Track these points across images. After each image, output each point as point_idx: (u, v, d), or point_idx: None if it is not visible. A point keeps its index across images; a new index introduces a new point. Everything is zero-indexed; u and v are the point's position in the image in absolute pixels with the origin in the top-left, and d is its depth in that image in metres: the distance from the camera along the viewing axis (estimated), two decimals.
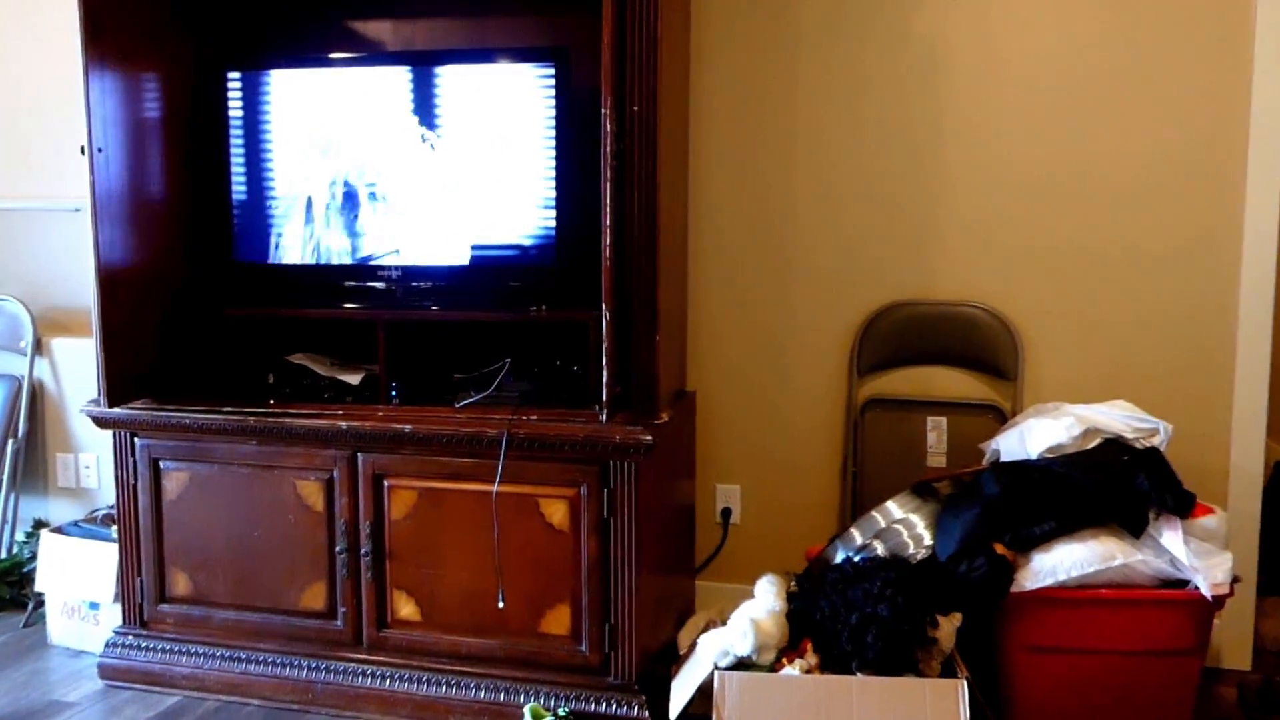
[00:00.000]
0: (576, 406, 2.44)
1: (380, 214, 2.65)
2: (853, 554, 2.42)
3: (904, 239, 2.85)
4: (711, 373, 2.99)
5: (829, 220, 2.89)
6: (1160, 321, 2.71)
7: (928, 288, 2.85)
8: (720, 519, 3.03)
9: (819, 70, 2.85)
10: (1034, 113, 2.74)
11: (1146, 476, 2.26)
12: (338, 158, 2.66)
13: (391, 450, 2.41)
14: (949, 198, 2.81)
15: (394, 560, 2.44)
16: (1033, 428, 2.43)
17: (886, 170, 2.84)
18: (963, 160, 2.79)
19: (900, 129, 2.82)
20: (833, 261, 2.90)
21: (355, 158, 2.65)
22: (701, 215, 2.94)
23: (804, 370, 2.95)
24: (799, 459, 2.98)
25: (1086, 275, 2.75)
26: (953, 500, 2.41)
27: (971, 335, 2.82)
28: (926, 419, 2.85)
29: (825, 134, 2.87)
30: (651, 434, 2.27)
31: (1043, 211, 2.76)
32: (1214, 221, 2.66)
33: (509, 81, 2.55)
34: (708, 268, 2.97)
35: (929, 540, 2.39)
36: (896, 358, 2.87)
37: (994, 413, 2.80)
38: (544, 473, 2.35)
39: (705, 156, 2.93)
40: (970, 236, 2.81)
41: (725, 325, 2.98)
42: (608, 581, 2.34)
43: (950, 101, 2.78)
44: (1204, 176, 2.66)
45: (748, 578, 2.90)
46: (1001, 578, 2.25)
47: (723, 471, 3.03)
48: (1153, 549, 2.27)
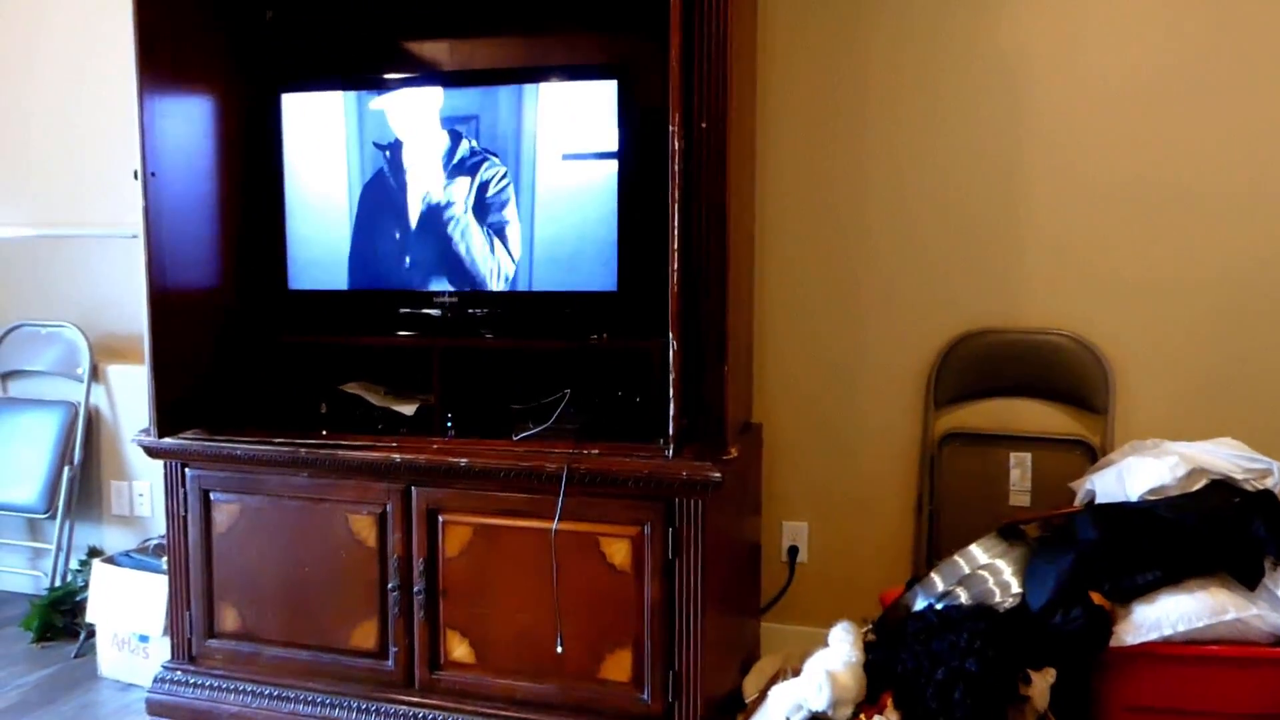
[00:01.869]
0: (639, 440, 2.32)
1: (436, 240, 2.56)
2: (934, 601, 2.26)
3: (985, 262, 2.69)
4: (778, 403, 2.86)
5: (904, 242, 2.74)
6: (1264, 351, 2.52)
7: (1010, 314, 2.69)
8: (787, 557, 2.89)
9: (893, 81, 2.72)
10: (1126, 125, 2.57)
11: (1263, 522, 2.07)
12: (394, 181, 2.58)
13: (446, 484, 2.31)
14: (1033, 217, 2.65)
15: (447, 599, 2.33)
16: (1132, 467, 2.26)
17: (965, 188, 2.69)
18: (1048, 178, 2.64)
19: (980, 144, 2.67)
20: (908, 286, 2.75)
21: (412, 180, 2.57)
22: (768, 236, 2.82)
23: (877, 401, 2.80)
24: (870, 496, 2.82)
25: (1184, 300, 2.57)
26: (1044, 545, 2.25)
27: (1057, 365, 2.65)
28: (1009, 455, 2.69)
29: (900, 150, 2.73)
30: (720, 470, 2.14)
31: (1135, 232, 2.59)
32: None
33: (569, 100, 2.46)
34: (775, 292, 2.84)
35: (1017, 588, 2.23)
36: (976, 389, 2.71)
37: (1082, 448, 2.63)
38: (605, 510, 2.23)
39: (772, 175, 2.80)
40: (1056, 259, 2.65)
41: (793, 353, 2.84)
42: (672, 626, 2.21)
43: (1034, 115, 2.63)
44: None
45: (815, 620, 2.78)
46: (1100, 630, 2.07)
47: (790, 508, 2.89)
48: (1269, 602, 2.08)
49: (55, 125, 3.37)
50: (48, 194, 3.40)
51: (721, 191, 2.16)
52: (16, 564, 3.46)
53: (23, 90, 3.40)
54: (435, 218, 2.56)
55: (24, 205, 3.43)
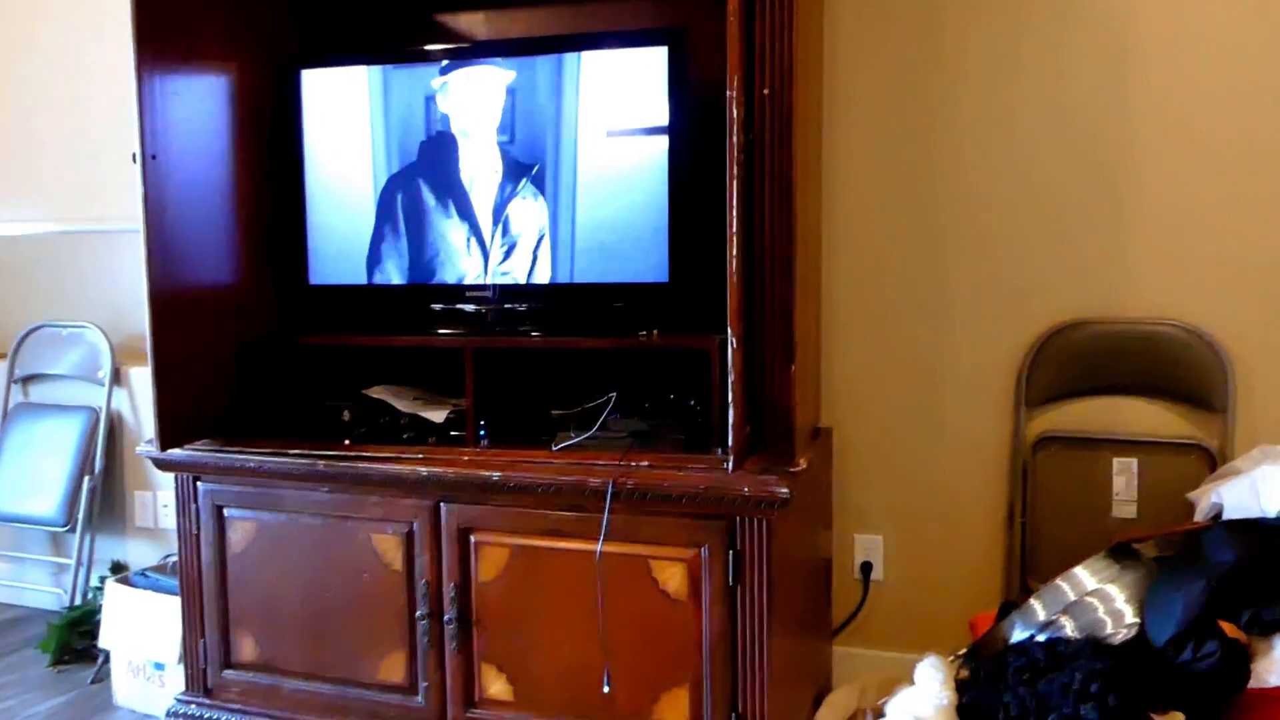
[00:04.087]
0: (695, 449, 2.06)
1: (470, 228, 2.32)
2: (1035, 632, 1.98)
3: (1082, 245, 2.39)
4: (849, 405, 2.58)
5: (990, 223, 2.45)
6: None
7: (1112, 303, 2.38)
8: (860, 574, 2.62)
9: (976, 44, 2.43)
10: (1237, 98, 2.27)
11: None
12: (426, 165, 2.34)
13: (479, 500, 2.07)
14: (1137, 194, 2.35)
15: (482, 629, 2.09)
16: (1269, 477, 1.95)
17: (1059, 161, 2.39)
18: (1154, 148, 2.33)
19: (1075, 111, 2.37)
20: (995, 272, 2.45)
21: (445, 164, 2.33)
22: (836, 220, 2.54)
23: (960, 401, 2.51)
24: (953, 506, 2.54)
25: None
26: (1166, 567, 1.95)
27: (1168, 359, 2.34)
28: (1113, 460, 2.39)
29: (984, 120, 2.43)
30: (788, 484, 1.87)
31: (1257, 206, 2.28)
32: None
33: (614, 71, 2.20)
34: (844, 281, 2.56)
35: (1131, 617, 1.93)
36: (1075, 387, 2.41)
37: (1199, 452, 2.32)
38: (658, 530, 1.97)
39: (841, 153, 2.52)
40: (1163, 240, 2.34)
41: (865, 349, 2.56)
42: (734, 660, 1.95)
43: (1137, 76, 2.32)
44: None
45: (893, 644, 2.54)
46: (1238, 669, 1.78)
47: (862, 520, 2.61)
48: None
49: (64, 117, 3.20)
50: (61, 189, 3.23)
51: (787, 166, 1.89)
52: (39, 580, 3.30)
53: (27, 81, 3.23)
54: (467, 204, 2.32)
55: (38, 202, 3.26)
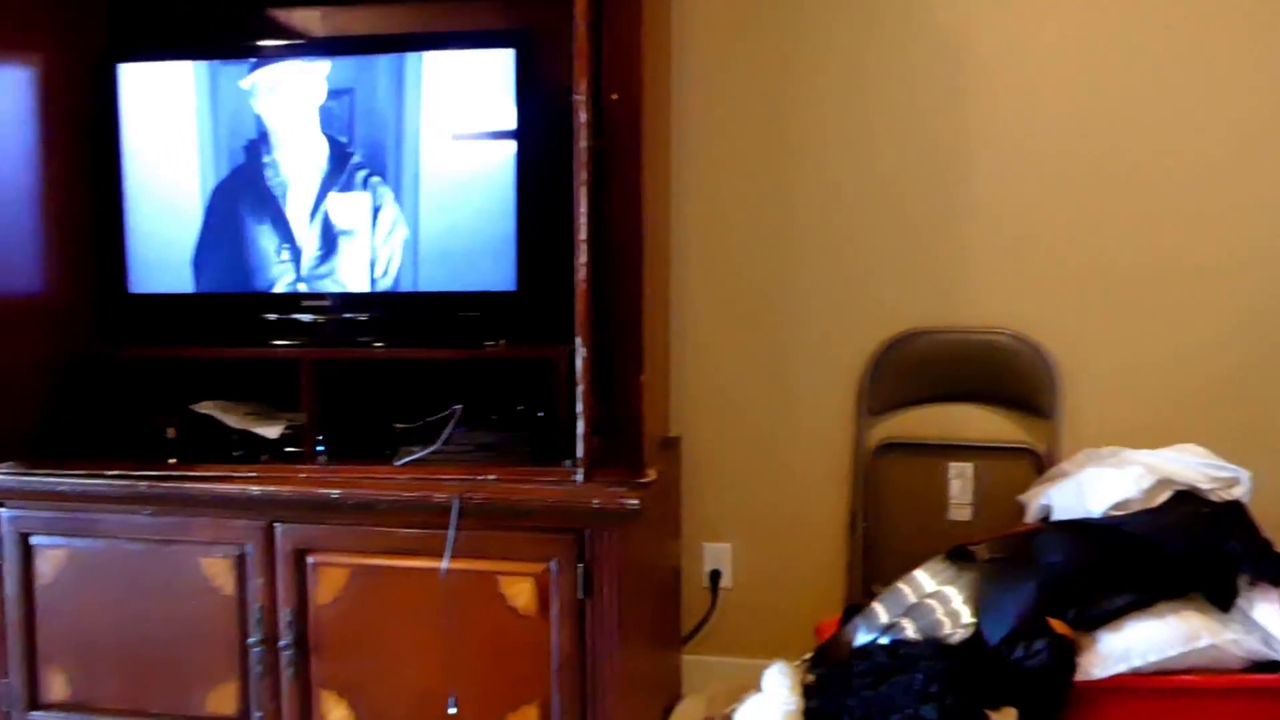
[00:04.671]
0: (545, 462, 2.02)
1: (305, 233, 2.22)
2: (878, 635, 2.01)
3: (923, 258, 2.47)
4: (697, 414, 2.58)
5: (835, 236, 2.50)
6: (1223, 348, 2.35)
7: (949, 313, 2.47)
8: (709, 583, 2.62)
9: (822, 64, 2.47)
10: (1071, 115, 2.38)
11: (1237, 537, 1.88)
12: (257, 167, 2.22)
13: (317, 520, 1.96)
14: (974, 209, 2.44)
15: (321, 654, 1.99)
16: (1093, 479, 2.05)
17: (902, 177, 2.46)
18: (990, 166, 2.42)
19: (917, 129, 2.44)
20: (840, 284, 2.50)
21: (277, 167, 2.22)
22: (686, 229, 2.54)
23: (806, 410, 2.55)
24: (800, 513, 2.57)
25: (1134, 297, 2.38)
26: (1000, 569, 2.01)
27: (1000, 367, 2.44)
28: (949, 465, 2.47)
29: (830, 137, 2.48)
30: (638, 496, 1.85)
31: (1083, 223, 2.39)
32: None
33: (459, 73, 2.14)
34: (692, 291, 2.56)
35: (968, 618, 1.99)
36: (914, 395, 2.48)
37: (1029, 457, 2.42)
38: (506, 545, 1.91)
39: (690, 159, 2.52)
40: (998, 254, 2.44)
41: (714, 359, 2.57)
42: (584, 675, 1.91)
43: (974, 99, 2.41)
44: (1270, 183, 2.31)
45: (742, 650, 2.55)
46: (1065, 664, 1.85)
47: (711, 528, 2.62)
48: (1243, 625, 1.89)
49: None
50: None
51: (636, 173, 1.88)
52: None
53: None
54: (303, 208, 2.21)
55: None
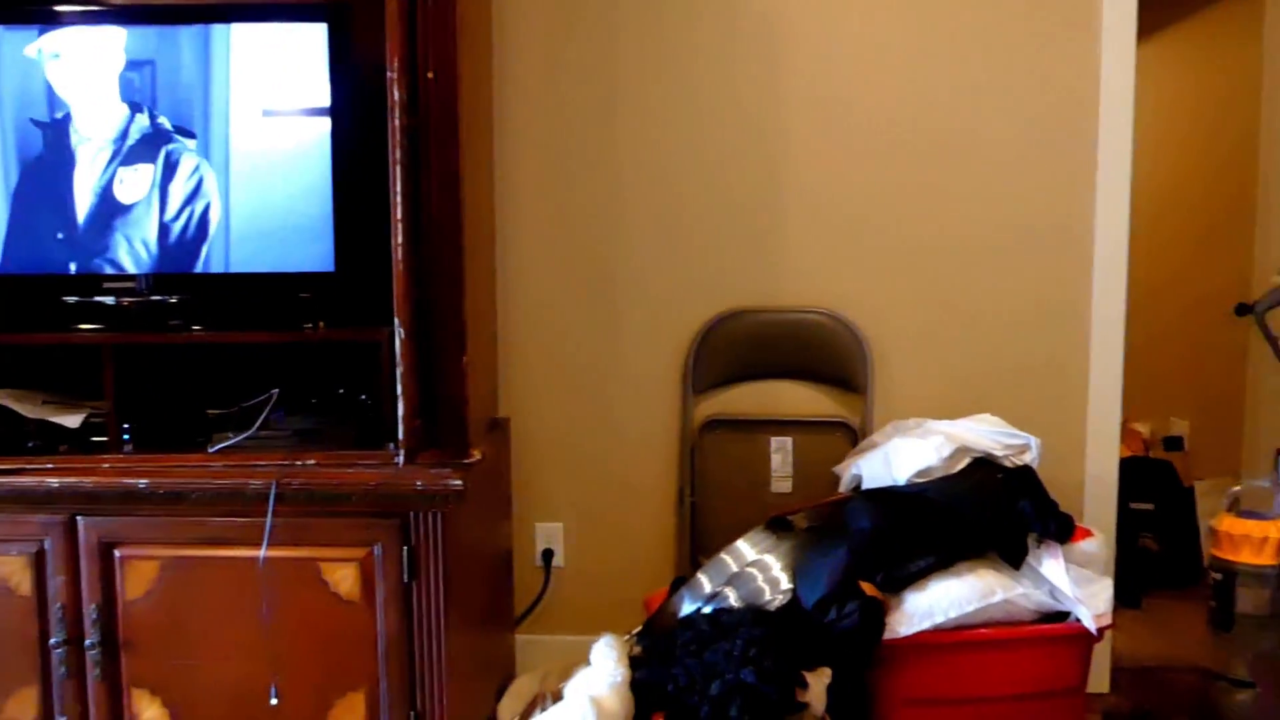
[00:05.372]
0: (368, 446, 1.98)
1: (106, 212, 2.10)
2: (702, 604, 2.08)
3: (744, 239, 2.54)
4: (526, 395, 2.59)
5: (659, 218, 2.55)
6: (1012, 327, 2.52)
7: (769, 293, 2.55)
8: (541, 562, 2.64)
9: (646, 48, 2.51)
10: (879, 110, 2.50)
11: (1027, 499, 2.02)
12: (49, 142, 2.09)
13: (124, 512, 1.87)
14: (792, 193, 2.53)
15: (132, 651, 1.90)
16: (898, 449, 2.16)
17: (724, 161, 2.53)
18: (807, 153, 2.52)
19: (737, 117, 2.51)
20: (664, 265, 2.56)
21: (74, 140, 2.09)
22: (510, 212, 2.54)
23: (634, 389, 2.59)
24: (630, 490, 2.62)
25: (937, 278, 2.53)
26: (815, 536, 2.11)
27: (816, 344, 2.54)
28: (770, 440, 2.56)
29: (655, 120, 2.52)
30: (462, 477, 1.85)
31: (892, 210, 2.52)
32: (1064, 226, 2.50)
33: (270, 47, 2.06)
34: (521, 273, 2.57)
35: (787, 584, 2.07)
36: (736, 372, 2.56)
37: (843, 430, 2.54)
38: (328, 531, 1.88)
39: (513, 141, 2.52)
40: (816, 237, 2.54)
41: (542, 339, 2.59)
42: (412, 659, 1.90)
43: (791, 91, 2.50)
44: (1055, 181, 2.49)
45: (576, 628, 2.57)
46: (874, 624, 1.95)
47: (543, 508, 2.63)
48: (1032, 580, 2.04)
49: None
50: None
51: (454, 152, 1.86)
52: None
53: None
54: (104, 186, 2.10)
55: None
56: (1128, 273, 2.49)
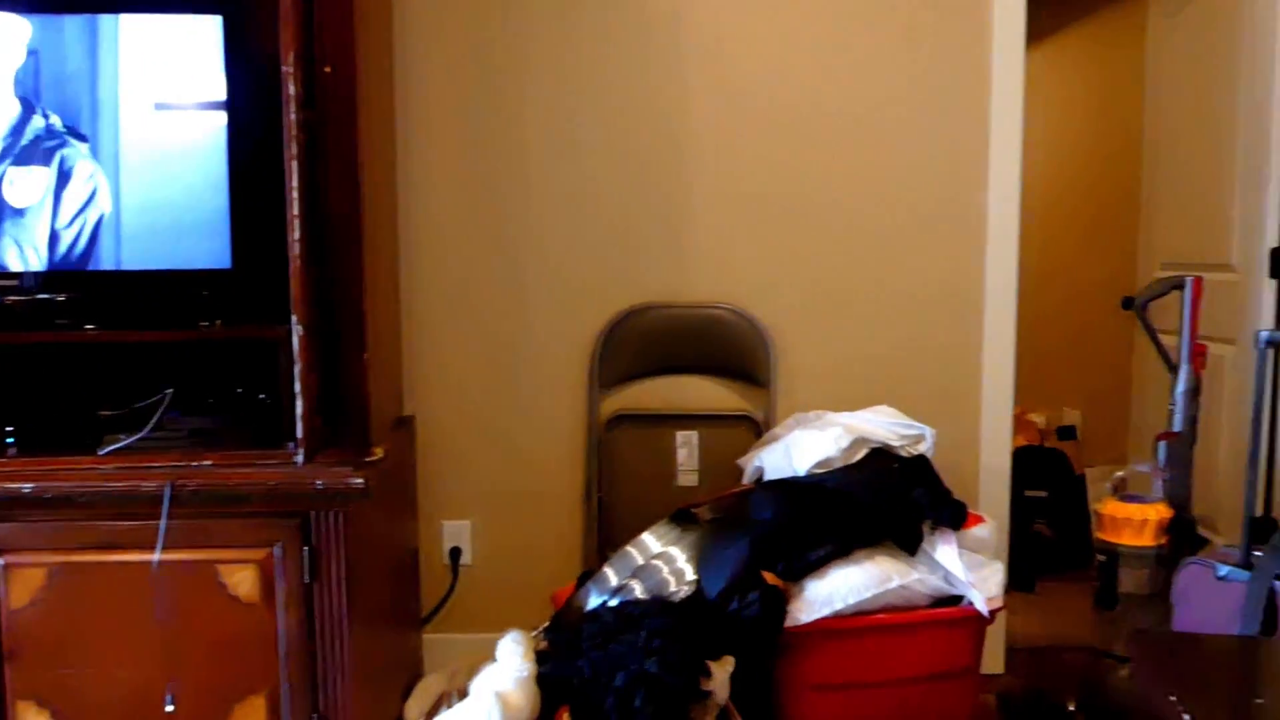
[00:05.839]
0: (268, 446, 1.95)
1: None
2: (608, 598, 2.09)
3: (649, 235, 2.57)
4: (432, 393, 2.58)
5: (565, 213, 2.55)
6: (910, 325, 2.59)
7: (675, 289, 2.58)
8: (449, 560, 2.63)
9: (551, 42, 2.52)
10: (784, 106, 2.55)
11: (921, 487, 2.09)
12: None
13: (7, 518, 1.81)
14: (696, 191, 2.56)
15: (17, 662, 1.84)
16: (798, 441, 2.21)
17: (630, 159, 2.55)
18: (710, 151, 2.55)
19: (645, 112, 2.54)
20: (570, 259, 2.57)
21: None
22: (414, 207, 2.52)
23: (541, 385, 2.60)
24: (538, 487, 2.62)
25: (837, 277, 2.59)
26: (718, 528, 2.14)
27: (722, 340, 2.58)
28: (676, 434, 2.59)
29: (559, 117, 2.53)
30: (364, 475, 1.83)
31: (792, 209, 2.57)
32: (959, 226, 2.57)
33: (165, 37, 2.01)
34: (424, 269, 2.55)
35: (691, 575, 2.10)
36: (643, 367, 2.58)
37: (748, 423, 2.58)
38: (226, 533, 1.84)
39: (417, 137, 2.51)
40: (719, 233, 2.57)
41: (448, 336, 2.57)
42: (314, 661, 1.88)
43: (698, 86, 2.53)
44: (949, 183, 2.56)
45: (485, 626, 2.58)
46: (776, 612, 1.99)
47: (450, 506, 2.62)
48: (927, 565, 2.10)
49: None
50: None
51: (353, 147, 1.85)
52: None
53: None
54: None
55: None
56: (1019, 270, 2.58)
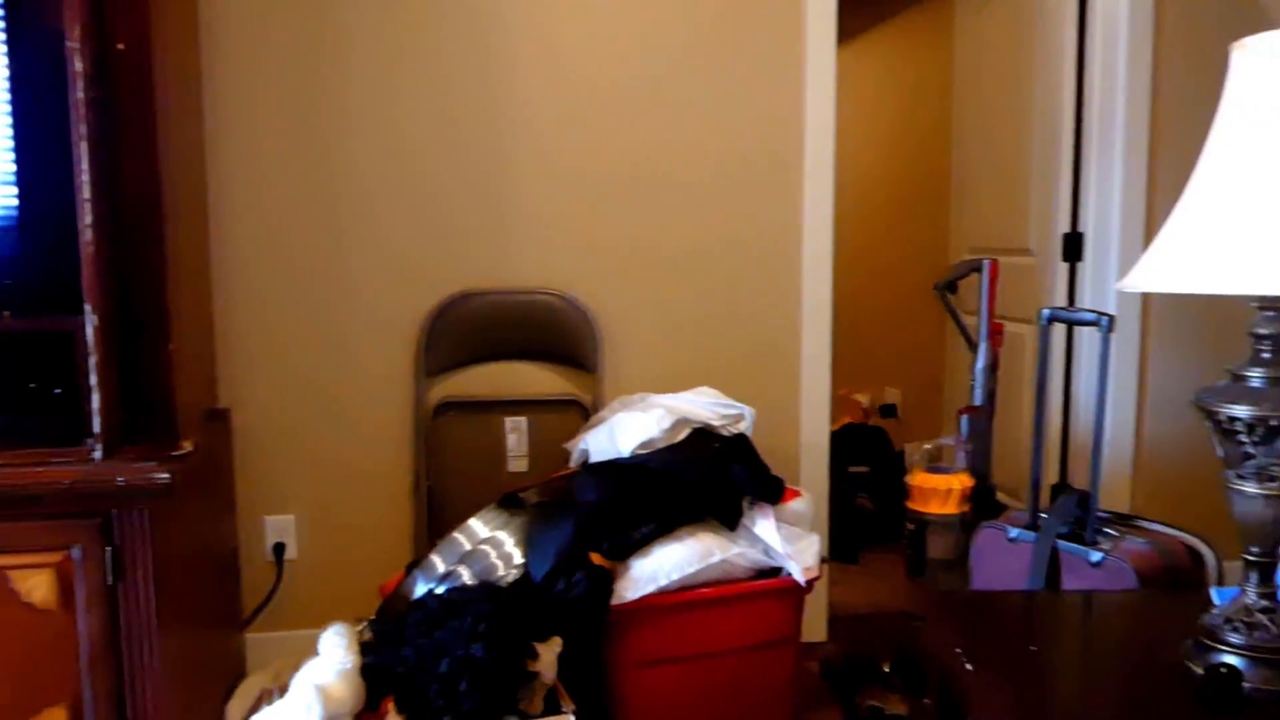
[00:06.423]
0: (65, 443, 1.84)
1: None
2: (435, 585, 2.08)
3: (473, 221, 2.55)
4: (252, 384, 2.50)
5: (387, 200, 2.51)
6: (732, 308, 2.67)
7: (501, 275, 2.58)
8: (273, 556, 2.55)
9: (361, 29, 2.46)
10: (597, 106, 2.58)
11: (740, 465, 2.15)
12: None
13: None
14: (521, 176, 2.56)
15: None
16: (622, 423, 2.24)
17: (453, 144, 2.52)
18: (535, 138, 2.56)
19: (468, 97, 2.52)
20: (391, 248, 2.53)
21: None
22: (230, 192, 2.43)
23: (364, 374, 2.55)
24: (364, 478, 2.58)
25: (661, 262, 2.64)
26: (545, 511, 2.15)
27: (550, 325, 2.59)
28: (505, 420, 2.59)
29: (376, 100, 2.48)
30: (170, 470, 1.76)
31: (616, 191, 2.60)
32: (777, 212, 2.67)
33: None
34: (241, 256, 2.46)
35: (520, 559, 2.11)
36: (470, 354, 2.57)
37: (576, 408, 2.61)
38: (18, 536, 1.74)
39: (226, 121, 2.42)
40: (545, 219, 2.58)
41: (266, 325, 2.50)
42: (120, 667, 1.79)
43: (521, 70, 2.53)
44: (767, 170, 2.65)
45: (312, 622, 2.54)
46: (602, 592, 2.02)
47: (272, 501, 2.55)
48: (748, 540, 2.17)
49: None
50: None
51: (151, 130, 1.77)
52: None
53: None
54: None
55: None
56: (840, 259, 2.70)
